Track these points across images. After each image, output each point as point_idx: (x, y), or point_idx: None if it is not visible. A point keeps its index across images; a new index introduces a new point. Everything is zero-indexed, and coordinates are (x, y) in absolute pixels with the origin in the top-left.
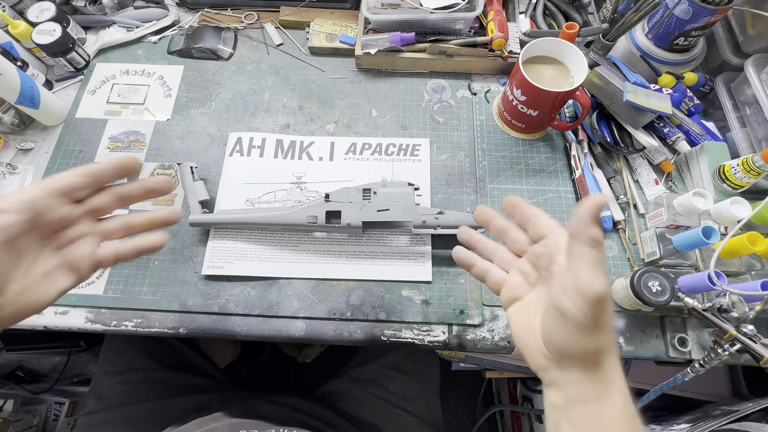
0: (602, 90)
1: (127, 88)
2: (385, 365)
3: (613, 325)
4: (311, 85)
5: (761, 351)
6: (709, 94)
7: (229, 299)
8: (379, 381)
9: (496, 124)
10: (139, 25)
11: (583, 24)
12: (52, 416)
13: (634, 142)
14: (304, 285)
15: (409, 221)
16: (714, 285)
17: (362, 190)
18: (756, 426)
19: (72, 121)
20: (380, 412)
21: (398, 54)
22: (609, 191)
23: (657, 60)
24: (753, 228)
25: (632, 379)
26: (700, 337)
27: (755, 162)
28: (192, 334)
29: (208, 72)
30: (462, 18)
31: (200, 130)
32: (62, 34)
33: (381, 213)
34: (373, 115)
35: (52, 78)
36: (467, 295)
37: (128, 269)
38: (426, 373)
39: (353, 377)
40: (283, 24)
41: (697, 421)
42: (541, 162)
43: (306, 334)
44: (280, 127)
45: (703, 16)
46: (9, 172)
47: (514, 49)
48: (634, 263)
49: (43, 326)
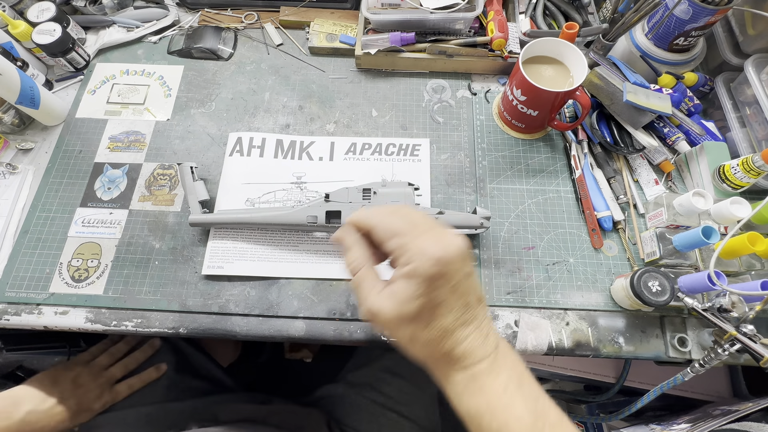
0: (602, 90)
1: (127, 88)
2: (380, 368)
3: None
4: (311, 85)
5: (761, 351)
6: (709, 94)
7: (229, 299)
8: (374, 385)
9: (496, 124)
10: (139, 25)
11: (583, 24)
12: None
13: (634, 142)
14: (304, 285)
15: None
16: (714, 285)
17: (362, 190)
18: (756, 426)
19: (72, 121)
20: (375, 417)
21: (398, 54)
22: (609, 191)
23: (657, 60)
24: (753, 228)
25: (632, 379)
26: (700, 337)
27: (755, 162)
28: (192, 334)
29: (208, 72)
30: (462, 18)
31: (200, 130)
32: (62, 34)
33: None
34: (373, 115)
35: (52, 78)
36: None
37: (128, 269)
38: (422, 375)
39: (349, 381)
40: (283, 24)
41: (697, 421)
42: (541, 162)
43: (306, 334)
44: (280, 127)
45: (702, 16)
46: (9, 172)
47: (514, 49)
48: (634, 263)
49: (43, 326)
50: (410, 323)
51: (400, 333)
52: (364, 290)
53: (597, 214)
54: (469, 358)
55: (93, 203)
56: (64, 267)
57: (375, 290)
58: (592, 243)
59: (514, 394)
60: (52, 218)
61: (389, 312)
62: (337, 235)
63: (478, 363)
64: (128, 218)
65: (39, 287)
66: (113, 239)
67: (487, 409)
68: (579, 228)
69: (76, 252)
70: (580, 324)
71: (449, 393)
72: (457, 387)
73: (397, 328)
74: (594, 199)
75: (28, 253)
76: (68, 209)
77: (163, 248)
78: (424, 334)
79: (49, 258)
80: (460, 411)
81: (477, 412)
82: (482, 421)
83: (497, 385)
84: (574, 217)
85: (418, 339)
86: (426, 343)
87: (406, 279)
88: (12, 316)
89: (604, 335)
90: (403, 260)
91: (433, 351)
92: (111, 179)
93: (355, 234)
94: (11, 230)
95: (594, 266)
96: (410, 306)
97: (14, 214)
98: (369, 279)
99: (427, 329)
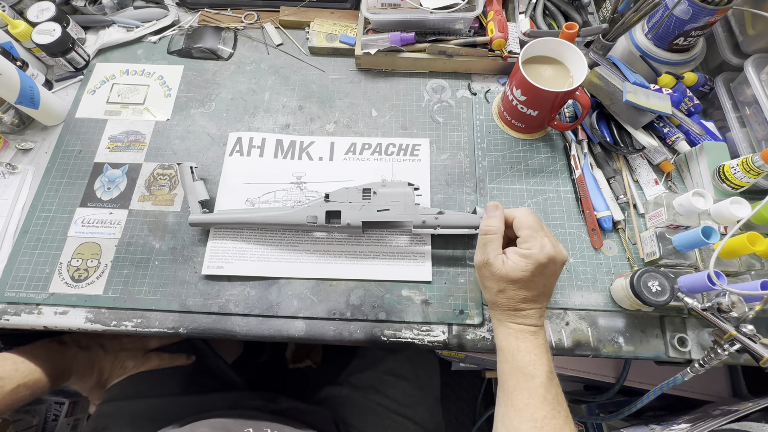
0: (602, 90)
1: (127, 88)
2: (384, 371)
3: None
4: (311, 85)
5: (761, 351)
6: (708, 94)
7: (229, 299)
8: (379, 387)
9: (496, 124)
10: (139, 25)
11: (582, 24)
12: (52, 416)
13: (633, 142)
14: (304, 285)
15: (409, 221)
16: (714, 285)
17: (362, 190)
18: (756, 426)
19: (72, 121)
20: (380, 420)
21: (398, 54)
22: (609, 191)
23: (657, 60)
24: (753, 228)
25: (632, 379)
26: (699, 337)
27: (755, 162)
28: (192, 334)
29: (208, 72)
30: (462, 18)
31: (200, 130)
32: (62, 34)
33: (381, 213)
34: (373, 115)
35: (52, 78)
36: (467, 295)
37: (128, 269)
38: (426, 377)
39: (353, 383)
40: (283, 24)
41: (697, 421)
42: (541, 162)
43: (306, 334)
44: (280, 127)
45: (702, 16)
46: (9, 172)
47: (513, 49)
48: (634, 263)
49: (43, 326)
50: (508, 282)
51: (494, 284)
52: (489, 247)
53: (597, 214)
54: (527, 320)
55: (93, 203)
56: (63, 267)
57: (496, 251)
58: (592, 243)
59: (543, 353)
60: (52, 218)
61: (499, 270)
62: (490, 210)
63: (530, 326)
64: (128, 218)
65: (39, 287)
66: (113, 239)
67: (524, 348)
68: (579, 228)
69: (76, 252)
70: (580, 324)
71: (501, 331)
72: (509, 329)
73: (495, 281)
74: (594, 199)
75: (28, 253)
76: (68, 209)
77: (163, 248)
78: (512, 292)
79: (48, 258)
80: (502, 345)
81: (517, 348)
82: (517, 354)
83: (536, 341)
84: (574, 217)
85: (506, 292)
86: (510, 297)
87: (522, 257)
88: (12, 316)
89: (603, 335)
90: (526, 246)
91: (510, 303)
92: (111, 179)
93: (501, 215)
94: (11, 230)
95: (594, 266)
96: (516, 274)
97: (14, 214)
98: (495, 242)
99: (516, 290)
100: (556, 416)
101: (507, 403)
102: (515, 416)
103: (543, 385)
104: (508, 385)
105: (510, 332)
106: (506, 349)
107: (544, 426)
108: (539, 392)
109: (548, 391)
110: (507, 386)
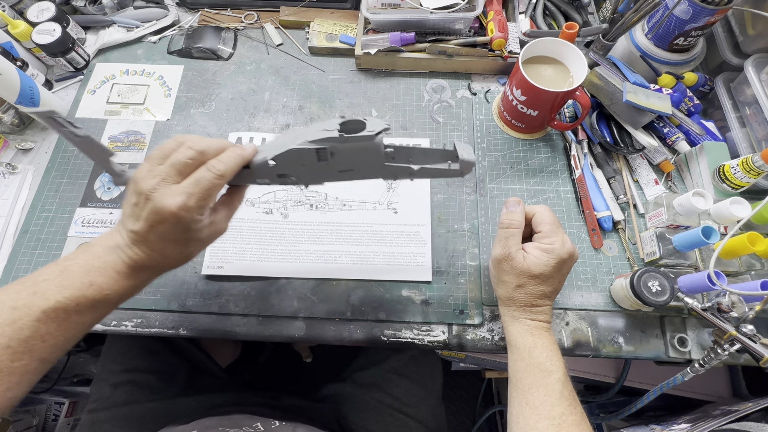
0: (602, 90)
1: (127, 88)
2: (387, 369)
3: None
4: (311, 85)
5: (761, 351)
6: (708, 94)
7: (229, 299)
8: (381, 386)
9: (496, 124)
10: (139, 25)
11: (582, 24)
12: (52, 416)
13: (633, 142)
14: (304, 285)
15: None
16: (714, 285)
17: (316, 152)
18: (756, 426)
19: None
20: (383, 417)
21: (398, 54)
22: (609, 191)
23: (657, 60)
24: (753, 228)
25: (632, 379)
26: (699, 337)
27: (755, 162)
28: (192, 334)
29: (208, 72)
30: (462, 18)
31: (200, 130)
32: (62, 34)
33: (343, 174)
34: (373, 115)
35: (52, 78)
36: (467, 295)
37: None
38: (429, 377)
39: (356, 381)
40: (283, 24)
41: (697, 421)
42: (541, 162)
43: (306, 334)
44: (280, 127)
45: (702, 16)
46: (9, 172)
47: (513, 49)
48: (634, 263)
49: None
50: (529, 277)
51: (513, 279)
52: (511, 241)
53: (597, 214)
54: (541, 316)
55: (93, 203)
56: None
57: (517, 246)
58: (592, 243)
59: (557, 349)
60: (52, 218)
61: (520, 264)
62: (512, 205)
63: (544, 322)
64: None
65: None
66: None
67: (540, 345)
68: (579, 228)
69: None
70: (580, 324)
71: (516, 329)
72: (525, 326)
73: (515, 275)
74: (594, 199)
75: (28, 253)
76: (68, 209)
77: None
78: (531, 287)
79: (48, 258)
80: (518, 342)
81: (534, 345)
82: (534, 351)
83: (550, 337)
84: (574, 217)
85: (525, 287)
86: (529, 292)
87: (544, 252)
88: None
89: (603, 335)
90: (547, 241)
91: (528, 299)
92: (111, 179)
93: (523, 210)
94: (11, 230)
95: (594, 266)
96: (539, 269)
97: (14, 214)
98: (517, 236)
99: (536, 285)
100: (573, 412)
101: (522, 403)
102: (531, 415)
103: (560, 381)
104: (524, 384)
105: (526, 329)
106: (522, 347)
107: (562, 423)
108: (556, 388)
109: (565, 387)
110: (522, 385)
